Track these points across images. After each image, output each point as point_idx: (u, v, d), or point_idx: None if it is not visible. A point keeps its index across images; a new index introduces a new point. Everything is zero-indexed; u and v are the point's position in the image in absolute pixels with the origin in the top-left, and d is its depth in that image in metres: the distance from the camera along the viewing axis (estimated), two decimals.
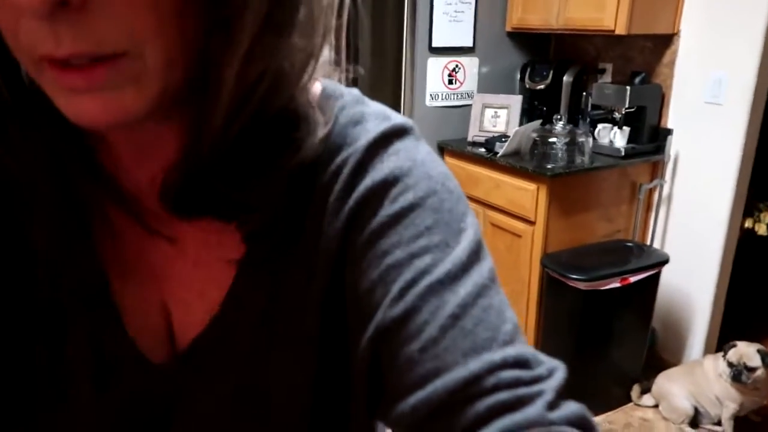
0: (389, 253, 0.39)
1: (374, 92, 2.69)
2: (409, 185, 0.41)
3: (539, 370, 0.37)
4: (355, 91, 0.46)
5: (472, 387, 0.36)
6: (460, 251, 0.39)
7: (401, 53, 2.53)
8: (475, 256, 0.40)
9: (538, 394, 0.35)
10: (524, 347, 0.38)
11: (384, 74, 2.65)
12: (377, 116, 0.44)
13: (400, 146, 0.43)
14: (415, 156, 0.42)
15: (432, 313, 0.37)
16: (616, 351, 2.28)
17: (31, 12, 0.29)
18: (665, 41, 2.43)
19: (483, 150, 2.49)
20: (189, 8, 0.32)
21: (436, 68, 2.58)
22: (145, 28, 0.31)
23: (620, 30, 2.25)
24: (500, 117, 2.61)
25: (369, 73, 2.72)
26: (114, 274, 0.43)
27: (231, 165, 0.38)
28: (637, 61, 2.56)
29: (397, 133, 0.43)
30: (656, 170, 2.51)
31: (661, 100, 2.46)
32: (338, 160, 0.42)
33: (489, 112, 2.63)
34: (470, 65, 2.67)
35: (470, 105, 2.68)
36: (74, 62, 0.30)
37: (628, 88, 2.32)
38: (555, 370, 0.38)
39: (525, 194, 2.30)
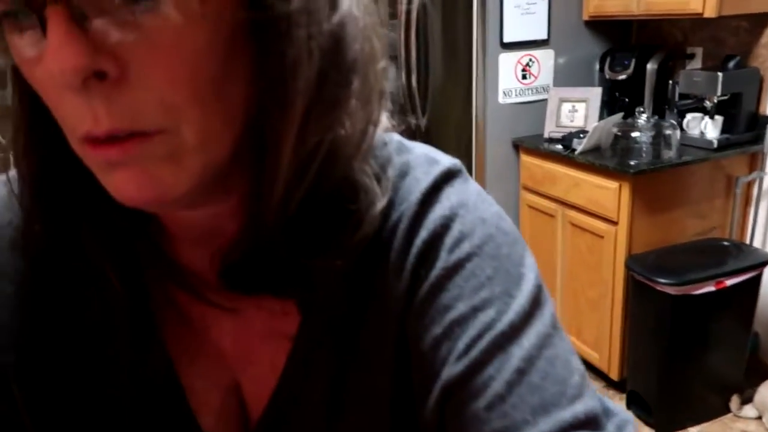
0: (451, 307, 0.39)
1: (446, 93, 2.64)
2: (465, 233, 0.40)
3: (609, 429, 0.36)
4: (395, 137, 0.45)
5: None
6: (522, 299, 0.39)
7: (471, 52, 2.46)
8: (536, 302, 0.39)
9: None
10: (593, 400, 0.37)
11: (455, 74, 2.59)
12: (423, 162, 0.43)
13: (450, 191, 0.42)
14: (466, 200, 0.42)
15: (497, 369, 0.36)
16: (712, 358, 2.12)
17: (66, 85, 0.28)
18: (763, 20, 2.22)
19: (560, 147, 2.38)
20: (229, 83, 0.32)
21: (508, 64, 2.48)
22: (182, 102, 0.30)
23: (709, 12, 2.07)
24: (578, 111, 2.48)
25: (440, 74, 2.67)
26: (180, 357, 0.42)
27: (291, 242, 0.38)
28: (731, 43, 2.36)
29: (446, 178, 0.43)
30: (755, 162, 2.30)
31: (759, 85, 2.25)
32: (394, 217, 0.41)
33: (566, 106, 2.51)
34: (545, 58, 2.55)
35: (546, 100, 2.57)
36: (111, 138, 0.30)
37: (720, 74, 2.13)
38: (625, 426, 0.37)
39: (606, 193, 2.18)
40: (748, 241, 2.35)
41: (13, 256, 0.41)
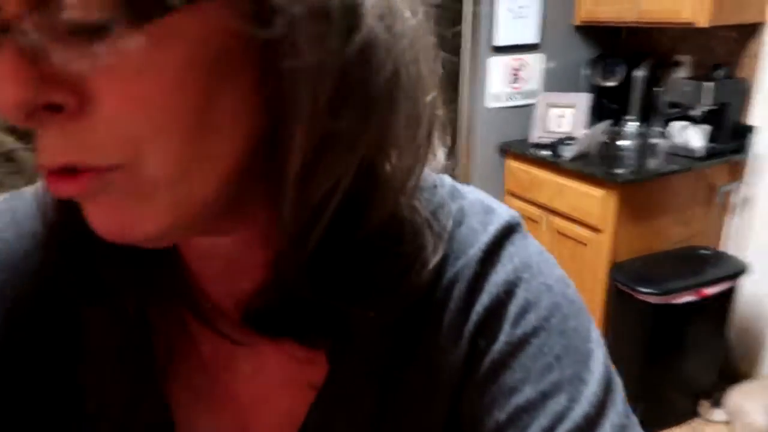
0: (517, 390, 0.36)
1: None
2: (530, 301, 0.37)
3: None
4: (448, 180, 0.42)
5: None
6: (594, 386, 0.36)
7: (459, 54, 2.43)
8: (608, 388, 0.36)
9: None
10: None
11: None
12: (478, 211, 0.40)
13: (512, 250, 0.39)
14: (528, 261, 0.39)
15: None
16: (687, 365, 2.17)
17: (10, 118, 0.26)
18: (752, 30, 2.22)
19: (547, 152, 2.38)
20: (215, 112, 0.28)
21: (498, 68, 2.46)
22: (148, 134, 0.27)
23: (702, 23, 2.06)
24: (566, 117, 2.48)
25: None
26: (185, 396, 0.39)
27: (324, 285, 0.34)
28: (720, 53, 2.36)
29: (506, 233, 0.39)
30: (736, 171, 2.33)
31: (746, 95, 2.26)
32: (449, 273, 0.38)
33: (554, 111, 2.50)
34: (535, 62, 2.53)
35: (534, 104, 2.55)
36: (67, 171, 0.28)
37: (709, 84, 2.13)
38: None
39: (592, 201, 2.19)
40: (727, 250, 2.39)
41: (17, 274, 0.38)
